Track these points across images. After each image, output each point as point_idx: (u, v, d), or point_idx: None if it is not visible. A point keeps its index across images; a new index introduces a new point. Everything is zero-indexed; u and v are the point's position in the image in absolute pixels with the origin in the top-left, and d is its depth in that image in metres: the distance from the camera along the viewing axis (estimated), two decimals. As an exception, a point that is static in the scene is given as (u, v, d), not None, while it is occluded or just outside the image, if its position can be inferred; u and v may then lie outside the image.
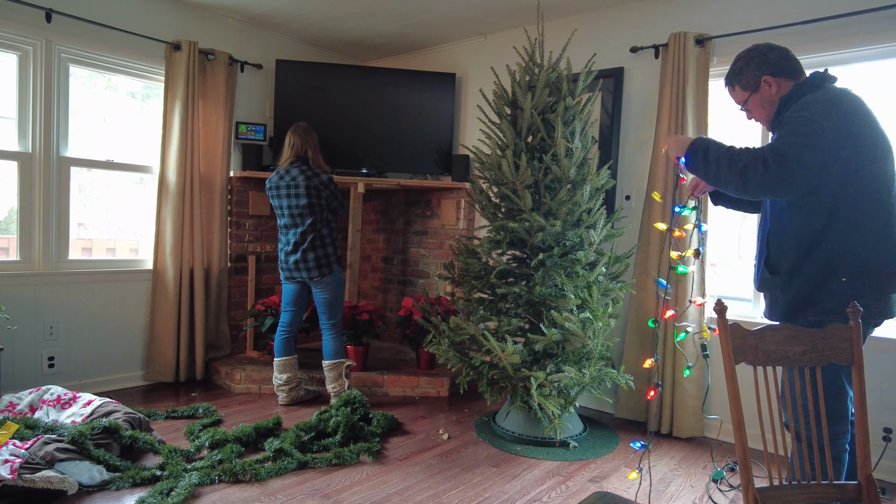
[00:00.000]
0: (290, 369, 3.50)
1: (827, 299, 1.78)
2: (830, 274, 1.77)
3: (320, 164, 3.39)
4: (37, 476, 2.17)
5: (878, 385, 2.79)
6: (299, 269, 3.35)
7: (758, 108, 1.98)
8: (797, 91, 1.87)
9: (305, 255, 3.33)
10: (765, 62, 1.92)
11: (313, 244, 3.33)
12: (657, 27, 3.48)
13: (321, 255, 3.34)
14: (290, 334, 3.52)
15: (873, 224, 1.75)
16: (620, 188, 3.64)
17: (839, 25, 2.89)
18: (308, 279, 3.37)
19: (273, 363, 3.52)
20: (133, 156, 3.88)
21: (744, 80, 1.96)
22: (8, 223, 3.42)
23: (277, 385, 3.50)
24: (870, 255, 1.74)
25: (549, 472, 2.73)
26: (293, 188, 3.30)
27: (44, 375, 3.45)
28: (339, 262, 3.44)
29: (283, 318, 3.52)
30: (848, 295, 1.73)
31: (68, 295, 3.54)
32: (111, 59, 3.66)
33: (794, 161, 1.68)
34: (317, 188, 3.30)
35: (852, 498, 1.57)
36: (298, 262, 3.34)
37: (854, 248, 1.75)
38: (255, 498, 2.36)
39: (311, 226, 3.33)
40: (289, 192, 3.31)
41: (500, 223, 3.05)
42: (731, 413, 1.58)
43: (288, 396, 3.50)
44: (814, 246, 1.79)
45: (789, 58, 1.93)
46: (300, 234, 3.33)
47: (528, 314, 3.09)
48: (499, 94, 3.16)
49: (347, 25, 4.23)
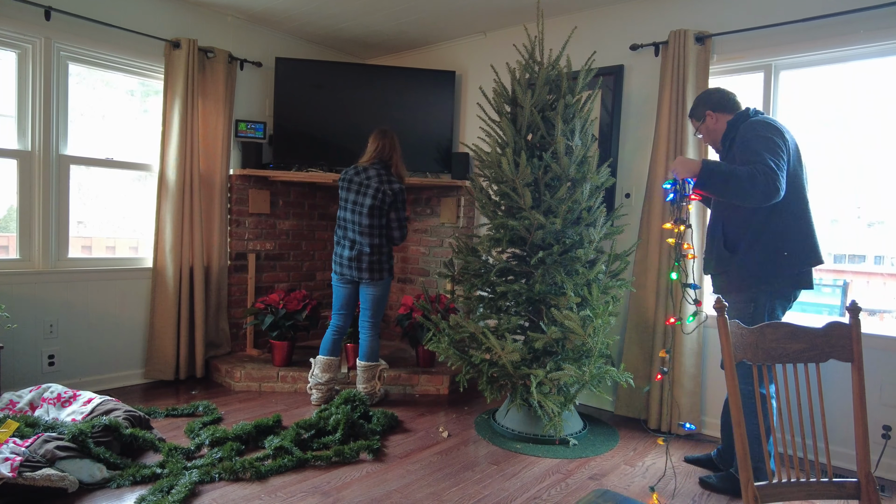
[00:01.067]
0: (333, 370, 3.49)
1: (776, 269, 2.39)
2: (778, 250, 2.39)
3: (400, 173, 3.40)
4: (37, 474, 2.17)
5: (877, 383, 2.79)
6: (352, 267, 3.36)
7: (705, 134, 2.69)
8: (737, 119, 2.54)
9: (361, 255, 3.34)
10: (710, 101, 2.63)
11: (371, 247, 3.35)
12: (657, 25, 3.48)
13: (375, 261, 3.37)
14: (340, 336, 3.53)
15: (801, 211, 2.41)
16: (620, 186, 3.64)
17: (839, 23, 2.88)
18: (359, 279, 3.38)
19: (315, 360, 3.50)
20: (133, 154, 3.88)
21: (696, 112, 2.69)
22: (7, 221, 3.42)
23: (315, 383, 3.47)
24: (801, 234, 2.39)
25: (548, 470, 2.74)
26: (364, 186, 3.32)
27: (44, 373, 3.45)
28: (390, 272, 3.47)
29: (335, 320, 3.52)
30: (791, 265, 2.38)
31: (68, 293, 3.54)
32: (110, 57, 3.65)
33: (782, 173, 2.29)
34: (384, 193, 3.31)
35: (851, 495, 1.57)
36: (353, 260, 3.35)
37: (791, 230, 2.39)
38: (255, 496, 2.36)
39: (370, 228, 3.34)
40: (359, 190, 3.33)
41: (499, 221, 3.05)
42: (732, 411, 1.58)
43: (323, 396, 3.48)
44: (764, 229, 2.41)
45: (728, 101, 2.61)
46: (359, 234, 3.34)
47: (528, 312, 3.10)
48: (499, 92, 3.15)
49: (347, 23, 4.22)
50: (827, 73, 3.09)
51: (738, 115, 2.56)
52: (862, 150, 3.00)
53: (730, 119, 2.58)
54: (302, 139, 4.29)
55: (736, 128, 2.52)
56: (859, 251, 3.08)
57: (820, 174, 3.06)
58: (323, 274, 4.88)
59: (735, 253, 2.48)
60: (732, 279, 2.50)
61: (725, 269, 2.52)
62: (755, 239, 2.42)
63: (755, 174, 2.26)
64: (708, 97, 2.64)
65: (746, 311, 2.45)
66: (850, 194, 3.05)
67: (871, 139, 2.97)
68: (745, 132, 2.43)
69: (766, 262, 2.40)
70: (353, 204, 3.35)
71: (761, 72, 3.18)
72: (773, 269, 2.39)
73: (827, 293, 3.21)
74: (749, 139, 2.40)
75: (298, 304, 3.94)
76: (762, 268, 2.40)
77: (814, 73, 3.10)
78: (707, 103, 2.63)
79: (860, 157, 3.00)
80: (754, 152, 2.32)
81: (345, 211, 3.40)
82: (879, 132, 2.94)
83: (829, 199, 3.09)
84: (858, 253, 3.08)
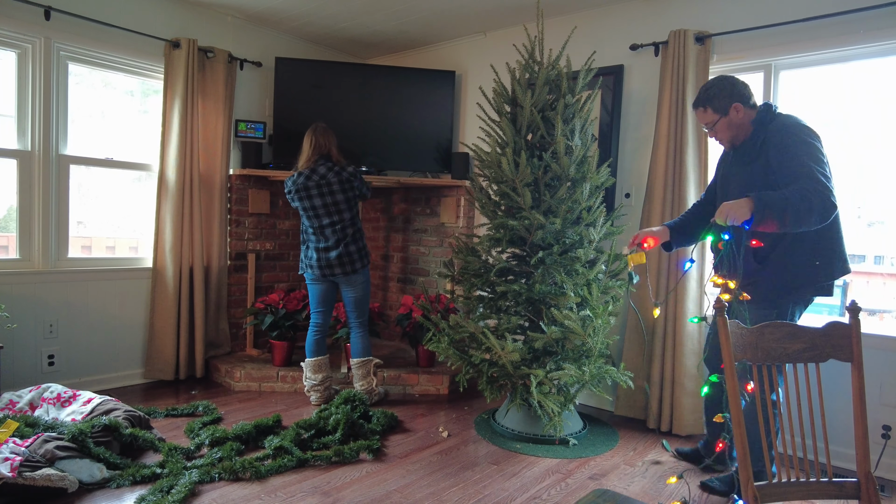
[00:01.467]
0: (324, 369, 3.49)
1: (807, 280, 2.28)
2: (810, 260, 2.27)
3: (342, 161, 3.40)
4: (37, 474, 2.17)
5: (877, 382, 2.79)
6: (332, 265, 3.34)
7: (724, 130, 2.42)
8: (764, 117, 2.33)
9: (348, 249, 3.34)
10: (736, 92, 2.37)
11: (354, 238, 3.36)
12: (657, 25, 3.48)
13: (357, 250, 3.37)
14: (322, 334, 3.52)
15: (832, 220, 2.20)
16: (620, 186, 3.64)
17: (839, 23, 2.88)
18: (342, 274, 3.36)
19: (304, 364, 3.50)
20: (132, 154, 3.88)
21: (716, 104, 2.39)
22: (7, 221, 3.42)
23: (311, 385, 3.47)
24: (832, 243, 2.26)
25: (548, 470, 2.74)
26: (325, 186, 3.29)
27: (44, 373, 3.45)
28: (368, 257, 3.46)
29: (315, 318, 3.52)
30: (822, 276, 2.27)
31: (68, 293, 3.54)
32: (110, 57, 3.65)
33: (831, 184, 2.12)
34: (349, 181, 3.32)
35: (851, 495, 1.57)
36: (339, 257, 3.33)
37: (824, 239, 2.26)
38: (255, 496, 2.36)
39: (351, 221, 3.35)
40: (321, 192, 3.29)
41: (499, 221, 3.05)
42: (731, 410, 1.58)
43: (322, 396, 3.49)
44: (795, 239, 2.26)
45: (749, 91, 2.37)
46: (340, 231, 3.33)
47: (528, 312, 3.10)
48: (498, 92, 3.15)
49: (347, 23, 4.22)
50: (827, 73, 3.09)
51: (763, 113, 2.35)
52: (862, 150, 3.00)
53: (753, 116, 2.38)
54: (302, 139, 4.28)
55: (765, 128, 2.32)
56: (859, 251, 3.08)
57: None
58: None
59: (765, 264, 2.32)
60: (760, 290, 2.33)
61: (753, 280, 2.34)
62: (788, 250, 2.28)
63: (808, 195, 2.05)
64: (732, 87, 2.37)
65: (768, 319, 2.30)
66: (851, 194, 3.04)
67: (871, 139, 2.97)
68: (782, 137, 2.23)
69: (798, 274, 2.28)
70: (323, 207, 3.31)
71: (761, 72, 3.18)
72: (804, 280, 2.28)
73: (827, 293, 3.22)
74: (788, 145, 2.20)
75: (298, 304, 3.94)
76: (795, 279, 2.28)
77: (814, 73, 3.10)
78: (733, 95, 2.36)
79: (860, 157, 3.00)
80: (801, 164, 2.13)
81: (314, 219, 3.34)
82: (879, 132, 2.94)
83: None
84: (858, 253, 3.08)
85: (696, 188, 3.22)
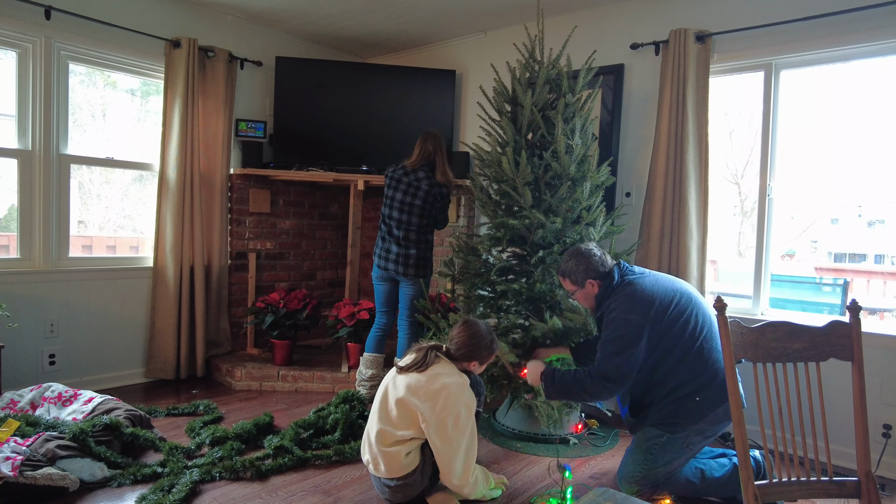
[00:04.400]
0: (378, 366, 3.51)
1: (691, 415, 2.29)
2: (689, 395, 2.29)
3: (447, 175, 3.42)
4: (38, 473, 2.17)
5: (877, 381, 2.79)
6: (398, 262, 3.37)
7: (582, 300, 2.54)
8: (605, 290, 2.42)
9: (409, 251, 3.37)
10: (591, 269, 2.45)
11: (417, 244, 3.39)
12: (657, 24, 3.48)
13: (421, 258, 3.40)
14: (383, 333, 3.55)
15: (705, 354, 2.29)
16: (620, 185, 3.64)
17: (840, 22, 2.88)
18: (402, 275, 3.39)
19: (362, 357, 3.52)
20: (133, 153, 3.88)
21: (573, 277, 2.49)
22: (8, 221, 3.43)
23: (361, 380, 3.51)
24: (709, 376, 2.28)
25: (549, 469, 2.74)
26: (413, 188, 3.35)
27: (45, 373, 3.46)
28: (431, 270, 3.50)
29: (379, 319, 3.55)
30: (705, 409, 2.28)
31: (69, 292, 3.54)
32: (111, 57, 3.65)
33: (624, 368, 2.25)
34: (434, 197, 3.37)
35: (851, 494, 1.57)
36: (399, 256, 3.36)
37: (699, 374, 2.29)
38: (255, 495, 2.36)
39: (418, 227, 3.38)
40: (407, 190, 3.36)
41: (500, 220, 3.05)
42: (731, 410, 1.58)
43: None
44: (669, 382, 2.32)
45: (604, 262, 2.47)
46: (405, 229, 3.37)
47: (529, 311, 3.09)
48: (499, 91, 3.15)
49: (347, 22, 4.22)
50: (827, 72, 3.08)
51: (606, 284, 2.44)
52: (862, 149, 3.00)
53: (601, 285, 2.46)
54: (302, 138, 4.29)
55: (607, 296, 2.42)
56: (860, 250, 3.08)
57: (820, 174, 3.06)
58: (323, 273, 4.88)
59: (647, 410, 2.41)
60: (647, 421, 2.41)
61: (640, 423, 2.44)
62: (667, 393, 2.34)
63: (583, 380, 2.31)
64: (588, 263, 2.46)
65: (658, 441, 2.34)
66: (851, 194, 3.05)
67: (871, 139, 2.97)
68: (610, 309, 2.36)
69: (680, 410, 2.31)
70: (400, 203, 3.38)
71: (762, 71, 3.18)
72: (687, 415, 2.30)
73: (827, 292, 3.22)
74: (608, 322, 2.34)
75: (299, 304, 3.95)
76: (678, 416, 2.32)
77: (814, 72, 3.10)
78: (588, 271, 2.45)
79: (860, 156, 3.00)
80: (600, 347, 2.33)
81: (391, 209, 3.41)
82: (880, 132, 2.94)
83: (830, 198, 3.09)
84: (859, 252, 3.08)
85: (696, 187, 3.22)
